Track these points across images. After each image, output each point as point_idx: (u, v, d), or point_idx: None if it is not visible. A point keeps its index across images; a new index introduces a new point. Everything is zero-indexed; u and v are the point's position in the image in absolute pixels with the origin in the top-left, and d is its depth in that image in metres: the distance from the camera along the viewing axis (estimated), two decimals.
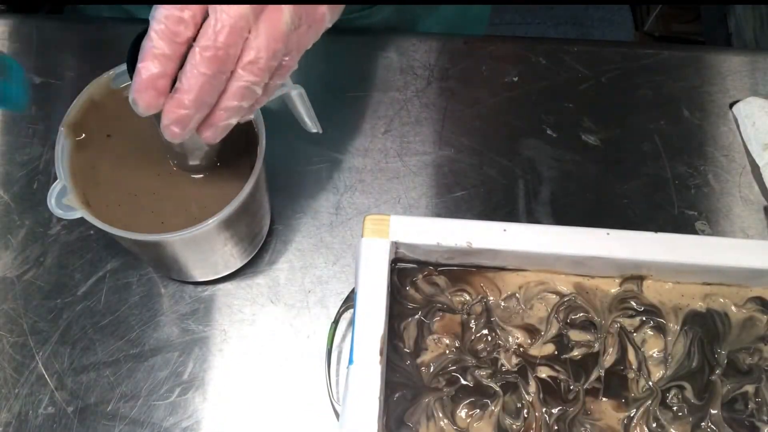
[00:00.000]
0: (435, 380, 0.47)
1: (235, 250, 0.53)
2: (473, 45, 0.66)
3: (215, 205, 0.46)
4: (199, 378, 0.54)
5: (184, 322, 0.56)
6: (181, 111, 0.37)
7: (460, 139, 0.62)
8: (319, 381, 0.54)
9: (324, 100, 0.63)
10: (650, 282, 0.50)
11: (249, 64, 0.37)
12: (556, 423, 0.46)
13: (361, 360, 0.43)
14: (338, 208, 0.60)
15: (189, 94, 0.36)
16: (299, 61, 0.41)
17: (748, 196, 0.61)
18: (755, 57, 0.66)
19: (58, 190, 0.44)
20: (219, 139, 0.40)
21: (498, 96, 0.64)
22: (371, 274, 0.46)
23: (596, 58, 0.66)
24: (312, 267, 0.58)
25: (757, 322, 0.49)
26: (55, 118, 0.60)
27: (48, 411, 0.53)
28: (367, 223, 0.47)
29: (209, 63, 0.35)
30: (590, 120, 0.63)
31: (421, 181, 0.61)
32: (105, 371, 0.54)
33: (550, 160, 0.62)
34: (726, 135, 0.63)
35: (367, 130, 0.62)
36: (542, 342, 0.48)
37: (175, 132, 0.38)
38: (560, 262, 0.49)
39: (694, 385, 0.47)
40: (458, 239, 0.47)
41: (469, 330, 0.48)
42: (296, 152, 0.61)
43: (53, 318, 0.55)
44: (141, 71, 0.36)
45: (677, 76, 0.65)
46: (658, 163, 0.62)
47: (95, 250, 0.57)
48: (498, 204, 0.60)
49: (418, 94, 0.64)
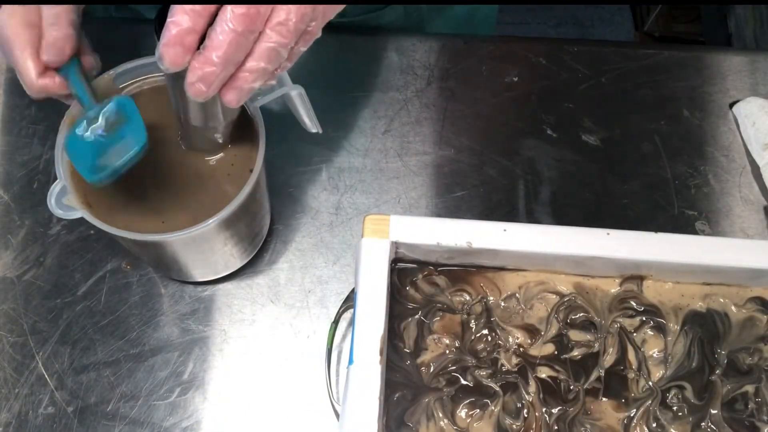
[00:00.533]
0: (435, 380, 0.47)
1: (235, 250, 0.53)
2: (473, 45, 0.66)
3: (215, 205, 0.46)
4: (199, 378, 0.54)
5: (184, 322, 0.56)
6: (208, 68, 0.36)
7: (460, 139, 0.62)
8: (319, 381, 0.54)
9: (324, 100, 0.63)
10: (650, 282, 0.50)
11: (278, 25, 0.36)
12: (556, 423, 0.46)
13: (361, 360, 0.43)
14: (338, 208, 0.60)
15: (218, 51, 0.36)
16: (299, 61, 0.41)
17: (748, 196, 0.61)
18: (755, 57, 0.66)
19: (58, 190, 0.44)
20: (241, 102, 0.40)
21: (498, 96, 0.64)
22: (371, 274, 0.46)
23: (596, 58, 0.66)
24: (312, 267, 0.58)
25: (757, 322, 0.49)
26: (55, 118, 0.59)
27: (48, 411, 0.53)
28: (367, 223, 0.47)
29: (241, 20, 0.35)
30: (590, 120, 0.63)
31: (421, 181, 0.61)
32: (105, 371, 0.54)
33: (550, 160, 0.62)
34: (726, 135, 0.63)
35: (367, 130, 0.62)
36: (542, 342, 0.48)
37: (201, 89, 0.37)
38: (560, 262, 0.49)
39: (694, 385, 0.47)
40: (458, 239, 0.47)
41: (469, 330, 0.48)
42: (296, 152, 0.61)
43: (53, 318, 0.55)
44: (170, 26, 0.35)
45: (677, 76, 0.65)
46: (658, 163, 0.62)
47: (95, 250, 0.57)
48: (498, 204, 0.60)
49: (418, 94, 0.64)
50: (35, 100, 0.43)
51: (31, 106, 0.62)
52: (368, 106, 0.63)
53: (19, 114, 0.62)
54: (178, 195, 0.47)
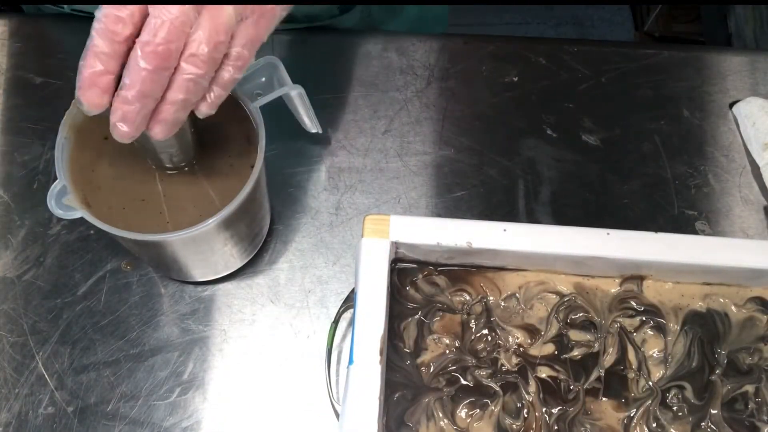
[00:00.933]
0: (435, 380, 0.47)
1: (234, 250, 0.53)
2: (473, 45, 0.66)
3: (215, 205, 0.46)
4: (199, 378, 0.54)
5: (184, 322, 0.56)
6: (125, 107, 0.37)
7: (460, 139, 0.62)
8: (319, 381, 0.54)
9: (324, 100, 0.63)
10: (650, 282, 0.50)
11: (191, 57, 0.37)
12: (556, 423, 0.46)
13: (361, 360, 0.43)
14: (338, 208, 0.60)
15: (131, 90, 0.36)
16: (299, 61, 0.41)
17: (748, 196, 0.61)
18: (755, 57, 0.66)
19: (58, 190, 0.44)
20: (169, 134, 0.40)
21: (498, 96, 0.64)
22: (371, 274, 0.46)
23: (596, 58, 0.66)
24: (312, 267, 0.58)
25: (757, 322, 0.49)
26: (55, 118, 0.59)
27: (48, 411, 0.53)
28: (367, 223, 0.47)
29: (149, 58, 0.36)
30: (590, 120, 0.63)
31: (421, 181, 0.61)
32: (105, 371, 0.54)
33: (550, 160, 0.62)
34: (726, 135, 0.63)
35: (367, 130, 0.62)
36: (542, 342, 0.48)
37: (123, 130, 0.38)
38: (560, 262, 0.48)
39: (694, 385, 0.47)
40: (458, 239, 0.47)
41: (469, 330, 0.48)
42: (296, 152, 0.61)
43: (53, 318, 0.55)
44: (82, 69, 0.36)
45: (677, 76, 0.65)
46: (658, 163, 0.62)
47: (95, 250, 0.57)
48: (498, 204, 0.60)
49: (418, 94, 0.64)
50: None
51: (31, 106, 0.62)
52: (368, 106, 0.63)
53: (19, 114, 0.62)
54: (177, 195, 0.47)
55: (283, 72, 0.51)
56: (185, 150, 0.46)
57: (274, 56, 0.50)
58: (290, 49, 0.63)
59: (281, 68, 0.51)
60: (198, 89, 0.39)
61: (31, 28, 0.64)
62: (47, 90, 0.62)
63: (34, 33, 0.64)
